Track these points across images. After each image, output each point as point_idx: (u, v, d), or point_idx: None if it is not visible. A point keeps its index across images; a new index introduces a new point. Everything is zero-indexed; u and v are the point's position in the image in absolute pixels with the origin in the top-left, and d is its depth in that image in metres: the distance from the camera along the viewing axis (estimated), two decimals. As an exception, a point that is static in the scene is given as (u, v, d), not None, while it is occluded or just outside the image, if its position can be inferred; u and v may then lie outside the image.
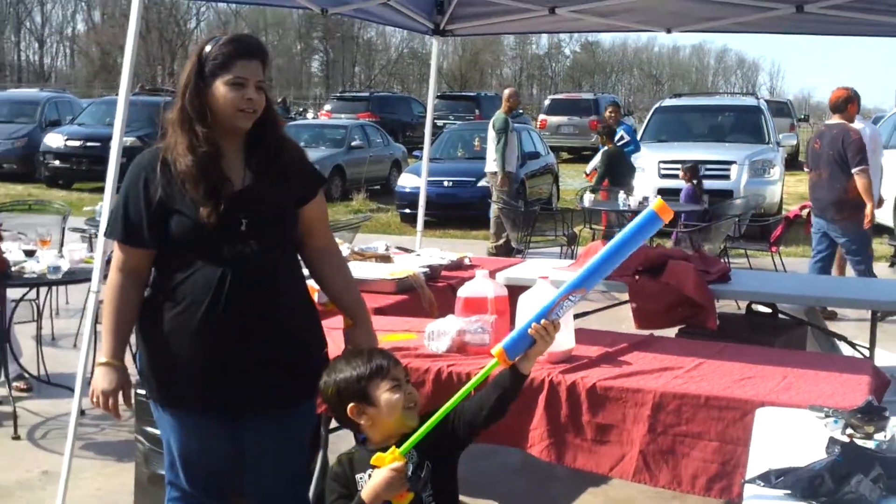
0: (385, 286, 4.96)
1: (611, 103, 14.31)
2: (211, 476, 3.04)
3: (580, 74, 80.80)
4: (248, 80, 2.88)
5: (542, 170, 16.63)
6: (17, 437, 5.30)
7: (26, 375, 5.98)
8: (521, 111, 33.12)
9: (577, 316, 6.48)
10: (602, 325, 5.21)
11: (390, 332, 4.03)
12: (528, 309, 3.82)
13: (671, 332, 5.36)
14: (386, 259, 5.61)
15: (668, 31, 7.11)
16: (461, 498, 2.66)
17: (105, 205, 4.41)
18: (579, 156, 28.76)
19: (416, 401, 2.53)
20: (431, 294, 4.92)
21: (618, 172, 11.82)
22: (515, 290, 4.05)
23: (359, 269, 5.29)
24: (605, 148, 11.98)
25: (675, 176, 13.83)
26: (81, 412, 5.58)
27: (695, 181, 11.20)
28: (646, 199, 10.50)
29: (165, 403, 2.99)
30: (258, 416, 2.94)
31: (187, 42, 71.12)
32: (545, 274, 4.18)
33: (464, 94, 30.21)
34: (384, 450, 2.41)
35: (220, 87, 2.87)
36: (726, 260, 9.10)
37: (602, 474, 3.60)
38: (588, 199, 10.61)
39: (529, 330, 2.48)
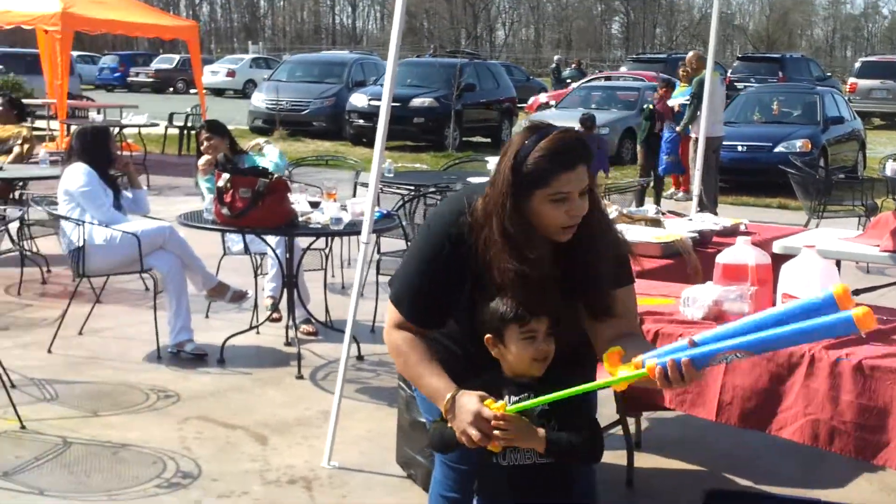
0: (650, 249, 4.90)
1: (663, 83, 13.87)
2: None
3: (900, 35, 75.20)
4: (571, 192, 2.47)
5: (846, 136, 15.70)
6: (300, 377, 5.66)
7: (313, 320, 6.38)
8: (828, 74, 31.37)
9: (861, 291, 6.13)
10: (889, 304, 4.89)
11: (647, 296, 3.98)
12: (791, 279, 3.66)
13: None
14: (656, 223, 5.52)
15: None
16: None
17: (375, 161, 4.53)
18: (892, 122, 26.89)
19: (548, 356, 2.50)
20: (698, 260, 4.80)
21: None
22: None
23: (626, 232, 5.25)
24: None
25: None
26: (360, 357, 5.94)
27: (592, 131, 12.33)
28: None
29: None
30: None
31: (490, 5, 72.50)
32: (815, 243, 3.97)
33: (766, 55, 28.87)
34: (513, 381, 2.49)
35: (540, 203, 2.47)
36: None
37: (862, 460, 3.40)
38: (890, 167, 9.90)
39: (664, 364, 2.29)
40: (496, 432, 2.38)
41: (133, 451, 4.59)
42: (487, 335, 2.53)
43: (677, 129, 12.53)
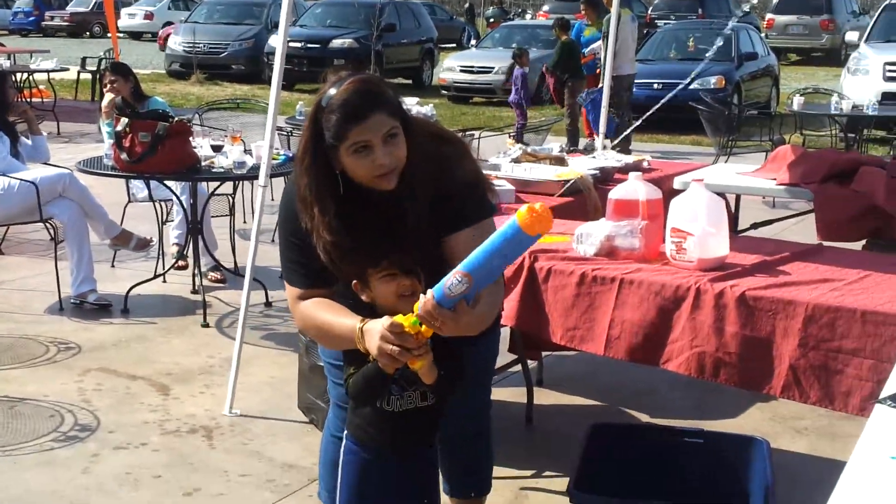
0: (550, 188, 4.92)
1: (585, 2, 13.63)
2: None
3: (821, -30, 75.97)
4: (370, 140, 2.41)
5: (760, 72, 15.90)
6: (206, 325, 5.60)
7: (220, 267, 6.30)
8: (748, 10, 31.58)
9: (760, 224, 6.24)
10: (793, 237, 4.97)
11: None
12: (679, 214, 3.70)
13: (858, 245, 5.07)
14: (560, 161, 5.53)
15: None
16: None
17: (271, 102, 4.48)
18: (808, 57, 27.23)
19: (415, 290, 2.38)
20: (598, 198, 4.83)
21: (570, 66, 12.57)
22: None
23: (528, 171, 5.27)
24: (560, 40, 12.96)
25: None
26: (268, 304, 5.89)
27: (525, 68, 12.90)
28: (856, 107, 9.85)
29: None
30: None
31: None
32: (711, 177, 4.01)
33: (688, -10, 28.96)
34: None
35: (345, 157, 2.44)
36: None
37: (746, 390, 3.48)
38: (797, 102, 10.04)
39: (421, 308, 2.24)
40: (411, 342, 2.27)
41: (30, 405, 4.51)
42: (354, 282, 2.49)
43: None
